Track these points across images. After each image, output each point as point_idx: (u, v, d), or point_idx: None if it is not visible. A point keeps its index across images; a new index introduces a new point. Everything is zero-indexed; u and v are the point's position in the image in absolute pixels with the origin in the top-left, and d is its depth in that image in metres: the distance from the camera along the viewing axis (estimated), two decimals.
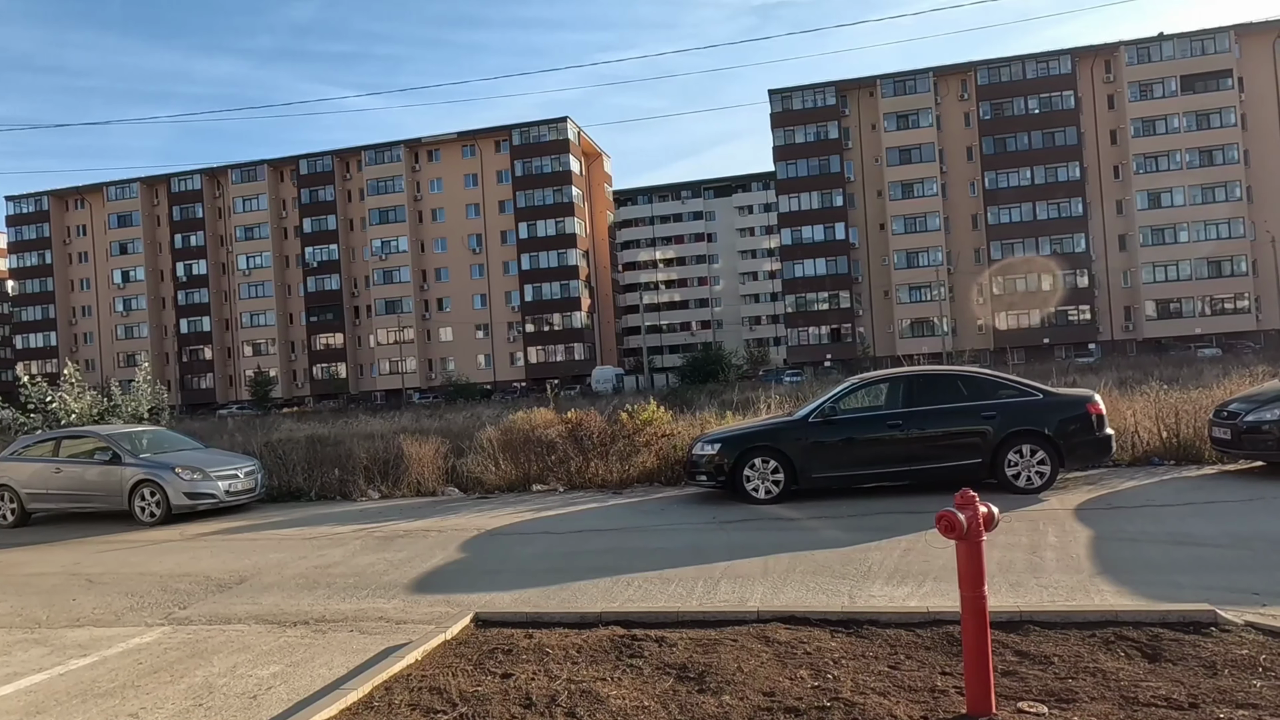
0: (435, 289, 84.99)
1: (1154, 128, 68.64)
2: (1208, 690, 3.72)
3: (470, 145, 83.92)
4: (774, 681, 4.11)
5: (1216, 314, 67.33)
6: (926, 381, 10.05)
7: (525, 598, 6.54)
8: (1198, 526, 7.38)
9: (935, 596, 5.78)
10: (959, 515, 3.45)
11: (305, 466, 14.04)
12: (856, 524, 8.34)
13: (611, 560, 7.58)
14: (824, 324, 76.10)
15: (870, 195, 75.66)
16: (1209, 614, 4.72)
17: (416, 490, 13.12)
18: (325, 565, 8.29)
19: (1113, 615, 4.85)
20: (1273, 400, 9.20)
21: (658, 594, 6.37)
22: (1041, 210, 70.41)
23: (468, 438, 14.64)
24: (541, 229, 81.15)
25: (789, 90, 76.57)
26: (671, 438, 12.59)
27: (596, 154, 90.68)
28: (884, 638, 4.76)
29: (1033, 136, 70.93)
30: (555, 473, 12.70)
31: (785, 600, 5.93)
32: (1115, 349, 67.59)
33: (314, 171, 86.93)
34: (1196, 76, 67.81)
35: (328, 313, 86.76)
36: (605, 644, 4.87)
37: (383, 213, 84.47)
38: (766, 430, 10.08)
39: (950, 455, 9.47)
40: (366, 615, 6.38)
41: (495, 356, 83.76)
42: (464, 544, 8.89)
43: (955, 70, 73.38)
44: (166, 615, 6.82)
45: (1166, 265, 68.31)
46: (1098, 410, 9.47)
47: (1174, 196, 68.06)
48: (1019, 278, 70.72)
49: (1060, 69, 70.95)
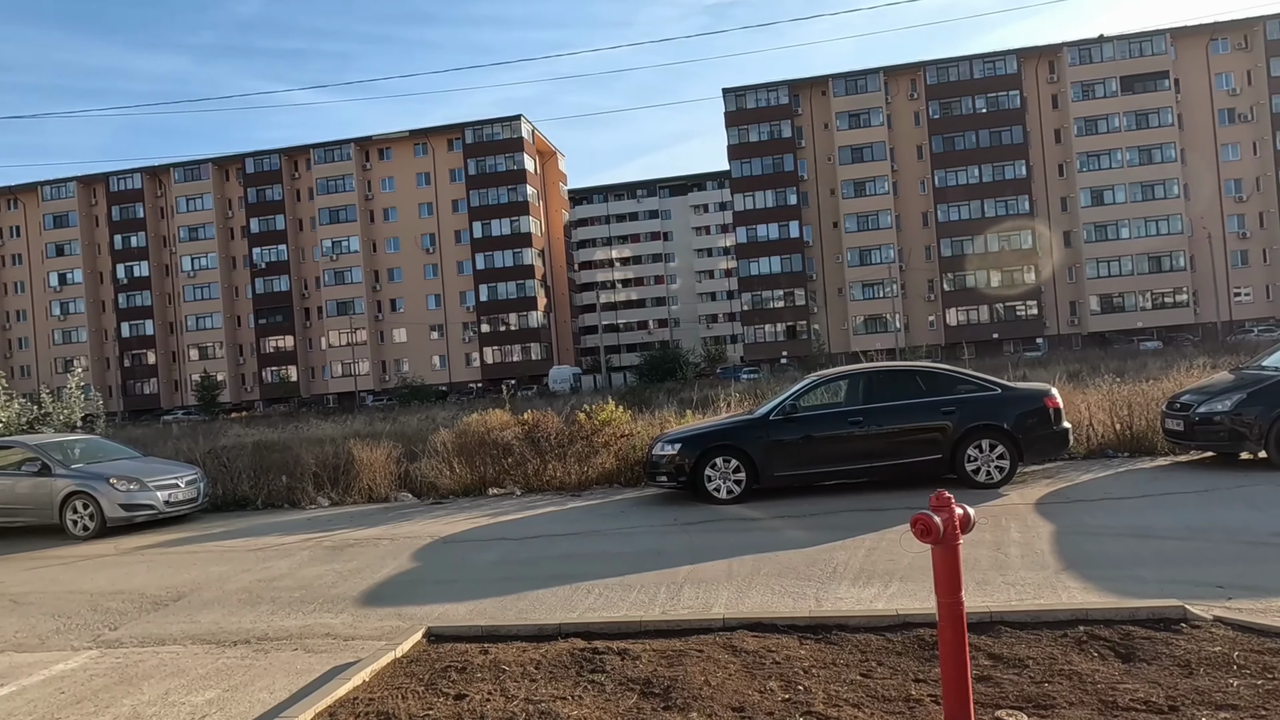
0: (388, 289, 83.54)
1: (1096, 127, 70.45)
2: (1186, 691, 3.63)
3: (422, 143, 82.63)
4: (743, 695, 3.92)
5: (1157, 308, 69.37)
6: (886, 377, 10.00)
7: (481, 609, 6.27)
8: (1156, 519, 7.40)
9: (903, 598, 5.67)
10: (935, 519, 3.28)
11: (251, 474, 13.51)
12: (819, 523, 8.22)
13: (571, 566, 7.34)
14: (779, 321, 76.61)
15: (823, 193, 76.36)
16: (1178, 610, 4.66)
17: (368, 496, 12.70)
18: (270, 578, 7.91)
19: (1083, 613, 4.77)
20: (1224, 392, 9.32)
21: (619, 601, 6.15)
22: (989, 208, 71.79)
23: (421, 441, 14.24)
24: (496, 228, 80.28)
25: (743, 89, 76.89)
26: (631, 438, 12.37)
27: (551, 152, 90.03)
28: (854, 643, 4.61)
29: (980, 135, 72.26)
30: (512, 475, 12.39)
31: (751, 605, 5.77)
32: (1061, 343, 69.22)
33: (261, 170, 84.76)
34: (1135, 77, 69.79)
35: (277, 315, 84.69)
36: (565, 658, 4.64)
37: (333, 212, 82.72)
38: (727, 429, 9.93)
39: (911, 451, 9.42)
40: (312, 632, 6.05)
41: (450, 357, 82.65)
42: (417, 552, 8.56)
43: (905, 70, 74.43)
44: (95, 637, 6.40)
45: (1109, 261, 70.18)
46: (1055, 404, 9.51)
47: (1115, 194, 69.95)
48: (968, 274, 72.04)
49: (1006, 69, 72.42)
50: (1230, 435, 9.11)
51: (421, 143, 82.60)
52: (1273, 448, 8.71)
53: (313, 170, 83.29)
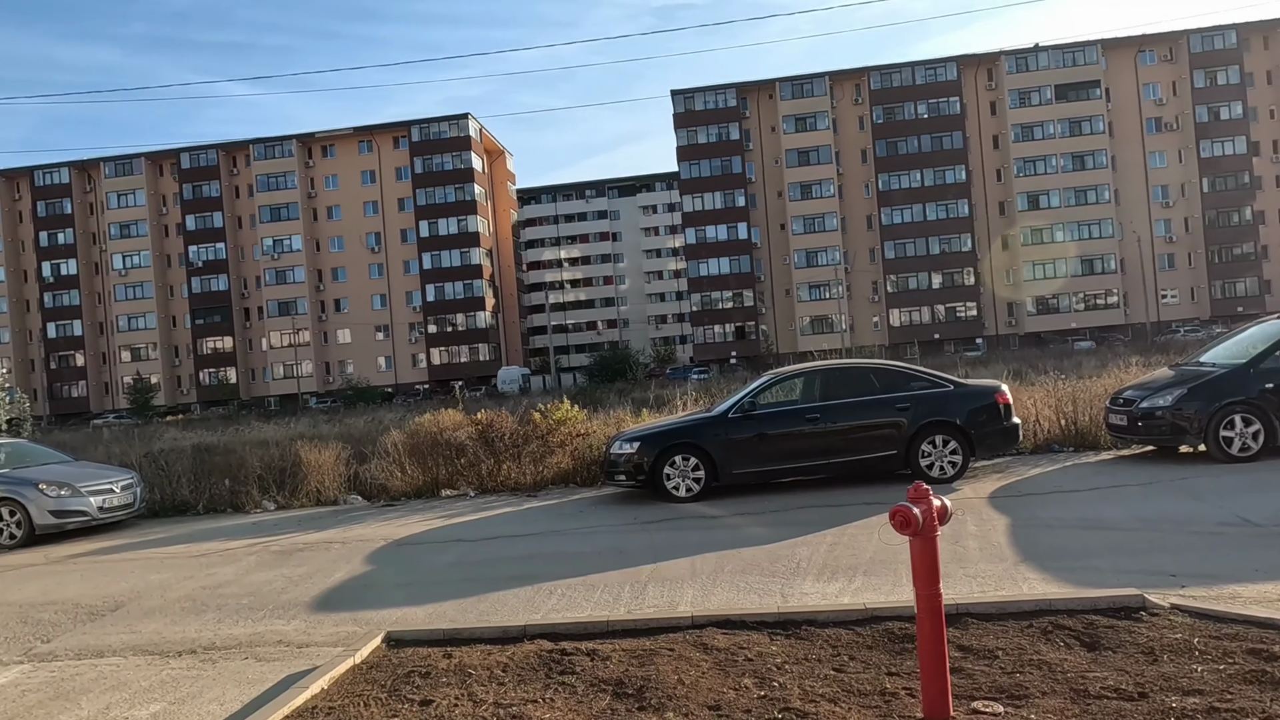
0: (332, 289, 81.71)
1: (1032, 133, 72.65)
2: (1153, 678, 3.69)
3: (367, 141, 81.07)
4: (718, 693, 3.86)
5: (1090, 309, 71.87)
6: (841, 375, 10.09)
7: (441, 612, 6.10)
8: (1106, 510, 7.59)
9: (868, 592, 5.69)
10: (914, 510, 3.28)
11: (192, 477, 13.01)
12: (780, 519, 8.24)
13: (531, 567, 7.20)
14: (729, 322, 77.20)
15: (771, 195, 77.20)
16: (1137, 599, 4.75)
17: (316, 500, 12.33)
18: (215, 585, 7.59)
19: (1047, 604, 4.83)
20: (1164, 388, 9.63)
21: (583, 602, 6.04)
22: (931, 211, 73.48)
23: (371, 442, 13.89)
24: (443, 227, 79.18)
25: (691, 91, 77.29)
26: (587, 437, 12.25)
27: (499, 151, 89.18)
28: (824, 638, 4.59)
29: (922, 140, 73.91)
30: (465, 476, 12.17)
31: (717, 602, 5.72)
32: (1000, 343, 71.16)
33: (197, 165, 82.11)
34: (1068, 86, 72.20)
35: (215, 315, 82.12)
36: (532, 660, 4.52)
37: (274, 210, 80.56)
38: (686, 427, 9.90)
39: (867, 447, 9.51)
40: (263, 639, 5.80)
41: (396, 358, 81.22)
42: (371, 555, 8.32)
43: (850, 75, 75.70)
44: (26, 651, 6.04)
45: (1045, 264, 72.44)
46: (1005, 400, 9.71)
47: (1050, 199, 72.25)
48: (911, 276, 73.64)
49: (947, 75, 74.21)
50: (1171, 429, 9.41)
51: (366, 140, 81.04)
52: (1211, 441, 9.02)
53: (253, 166, 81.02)
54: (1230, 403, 8.97)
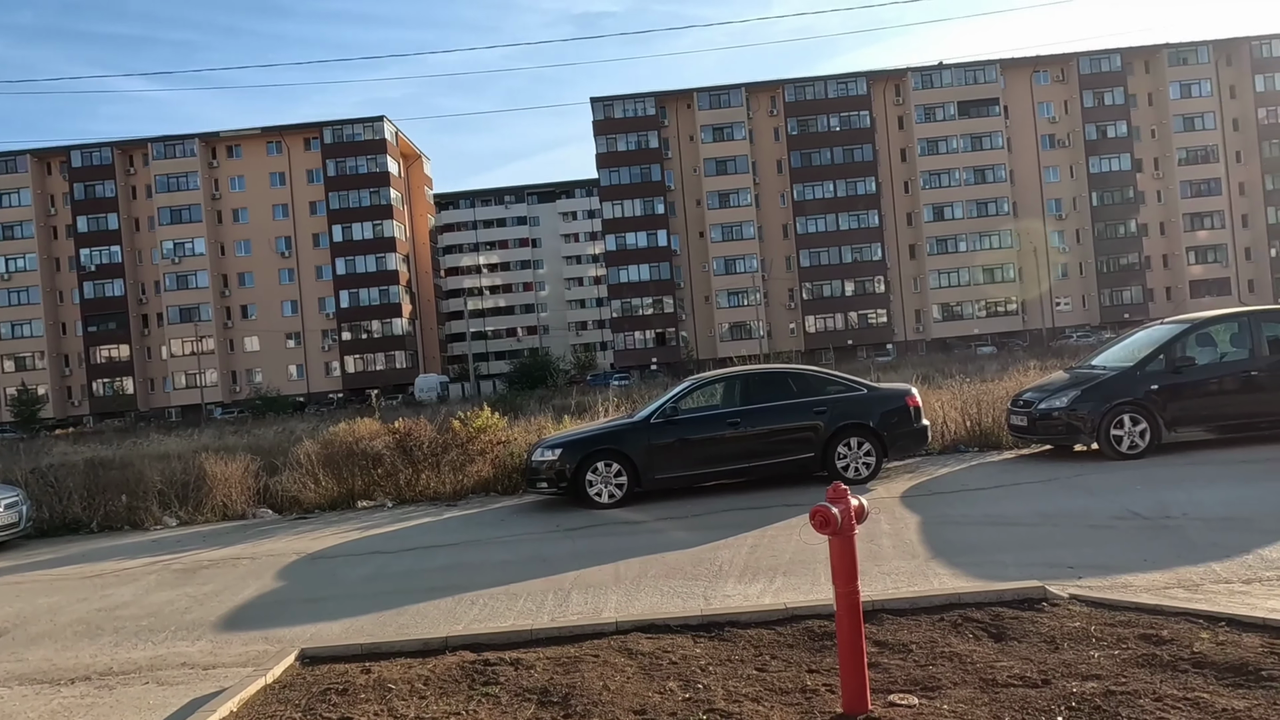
0: (239, 295, 78.45)
1: (937, 147, 75.79)
2: (1055, 665, 3.88)
3: (276, 141, 78.26)
4: (644, 697, 3.87)
5: (991, 315, 75.34)
6: (761, 380, 10.28)
7: (358, 627, 5.93)
8: (1009, 507, 7.96)
9: (788, 592, 5.80)
10: (833, 510, 3.36)
11: (85, 494, 12.24)
12: (702, 523, 8.32)
13: (452, 578, 7.07)
14: (649, 328, 77.65)
15: (690, 203, 78.13)
16: (1039, 591, 4.99)
17: (223, 514, 11.79)
18: (112, 607, 7.17)
19: (956, 598, 5.03)
20: (1060, 390, 10.17)
21: (506, 611, 5.97)
22: (843, 221, 75.75)
23: (283, 454, 13.39)
24: (358, 232, 77.08)
25: (611, 99, 77.59)
26: (508, 445, 12.11)
27: (416, 155, 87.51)
28: (747, 639, 4.66)
29: (834, 152, 76.16)
30: (383, 487, 11.86)
31: (641, 607, 5.73)
32: (909, 348, 73.86)
33: (90, 164, 77.63)
34: (970, 103, 75.66)
35: (110, 322, 77.68)
36: (455, 672, 4.43)
37: (175, 211, 76.84)
38: (608, 433, 9.90)
39: (786, 450, 9.71)
40: (166, 663, 5.52)
41: (309, 366, 78.52)
42: (282, 571, 8.01)
43: (765, 87, 77.41)
44: None
45: (949, 272, 75.62)
46: (915, 403, 10.08)
47: (954, 210, 75.50)
48: (825, 283, 75.72)
49: (857, 90, 76.70)
50: (1067, 429, 9.94)
51: (275, 141, 78.24)
52: (1103, 440, 9.57)
53: (151, 166, 77.12)
54: (1120, 403, 9.54)
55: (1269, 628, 4.14)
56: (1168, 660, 3.82)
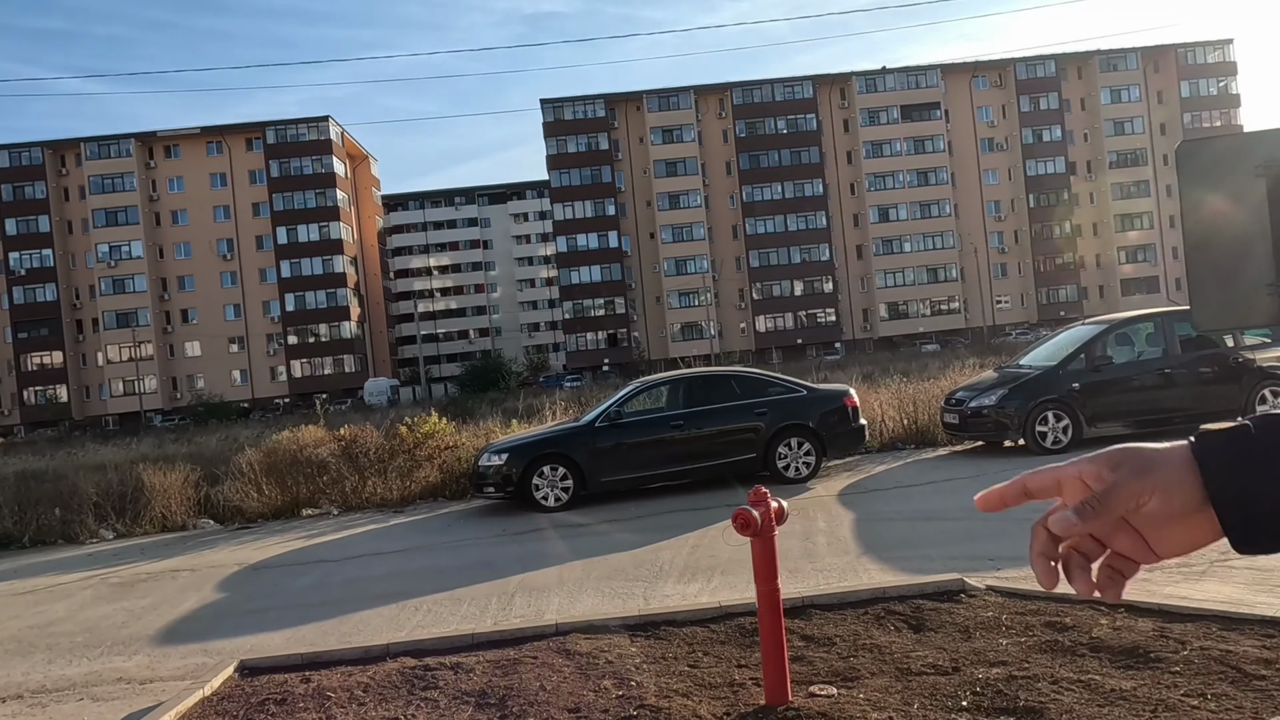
0: (178, 299, 76.39)
1: (881, 150, 77.40)
2: (965, 653, 4.12)
3: (217, 142, 76.40)
4: (578, 696, 4.01)
5: (935, 314, 77.19)
6: (704, 382, 10.50)
7: (300, 636, 5.95)
8: (939, 502, 8.29)
9: (724, 590, 5.99)
10: (753, 513, 3.54)
11: (15, 508, 11.93)
12: (646, 525, 8.49)
13: (396, 585, 7.12)
14: (601, 329, 77.77)
15: (640, 205, 78.46)
16: (958, 583, 5.26)
17: (162, 526, 11.59)
18: (45, 623, 7.05)
19: (881, 592, 5.27)
20: (989, 389, 10.60)
21: (449, 616, 6.05)
22: (792, 222, 76.86)
23: (224, 463, 13.20)
24: (303, 234, 75.65)
25: (561, 101, 77.53)
26: (455, 450, 12.13)
27: (363, 156, 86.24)
28: (681, 637, 4.82)
29: (782, 154, 77.25)
30: (328, 495, 11.78)
31: (582, 609, 5.87)
32: (856, 347, 75.25)
33: (18, 164, 74.83)
34: (913, 107, 77.41)
35: (41, 328, 74.93)
36: (394, 679, 4.51)
37: (110, 214, 74.47)
38: (554, 437, 10.01)
39: (729, 451, 9.94)
40: (101, 679, 5.47)
41: (253, 372, 76.81)
42: (222, 582, 7.96)
43: (714, 89, 78.12)
44: None
45: (895, 272, 77.29)
46: (853, 403, 10.39)
47: (899, 212, 77.17)
48: (774, 284, 76.74)
49: (804, 93, 77.90)
50: (996, 426, 10.36)
51: (216, 141, 76.37)
52: (1029, 436, 10.01)
53: (84, 167, 74.62)
54: (1044, 401, 9.99)
55: (1162, 612, 4.45)
56: (1068, 646, 4.09)
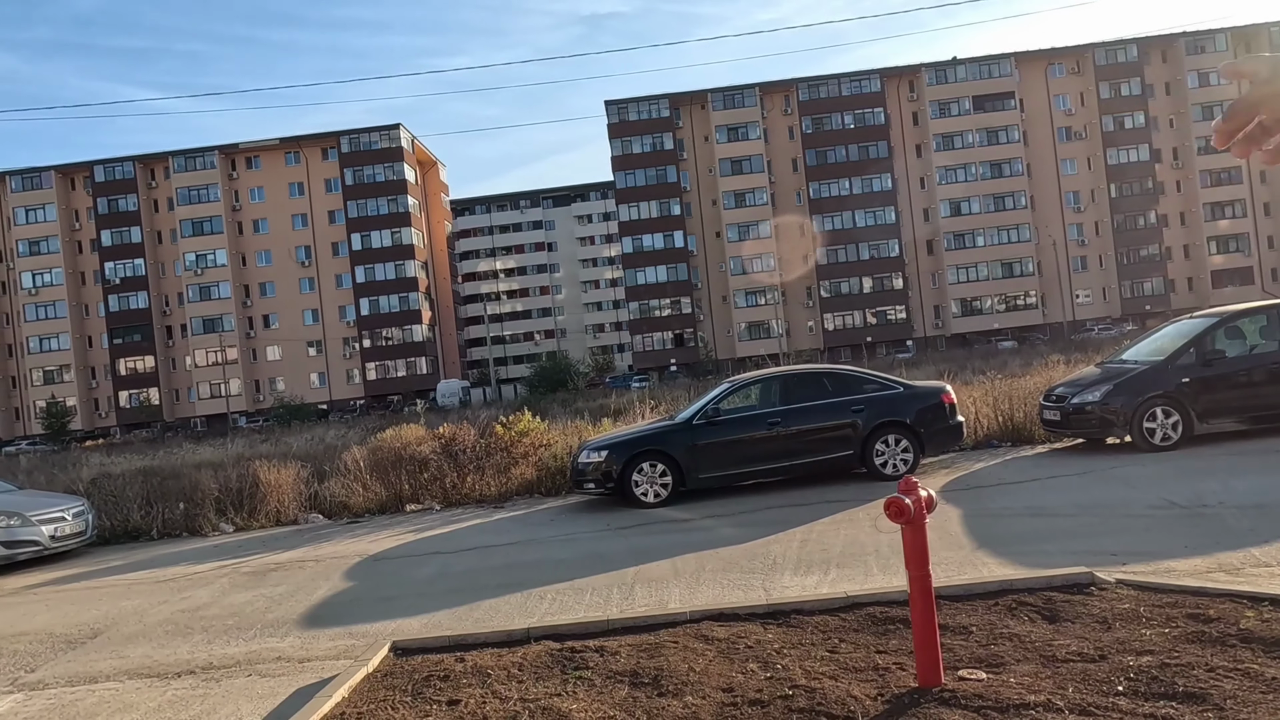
0: (260, 305, 79.53)
1: (952, 142, 75.69)
2: (1109, 643, 4.17)
3: (294, 152, 79.27)
4: (728, 677, 4.19)
5: (1010, 310, 75.13)
6: (798, 380, 10.58)
7: (436, 621, 6.28)
8: (1048, 499, 8.22)
9: (843, 582, 6.10)
10: (906, 500, 3.68)
11: (143, 502, 12.73)
12: (749, 520, 8.63)
13: (515, 575, 7.42)
14: (667, 329, 78.00)
15: (706, 204, 78.44)
16: (1087, 575, 5.27)
17: (276, 520, 12.23)
18: (194, 608, 7.57)
19: (1008, 584, 5.31)
20: (1093, 384, 10.40)
21: (575, 605, 6.30)
22: (860, 218, 75.78)
23: (329, 460, 13.83)
24: (376, 240, 77.97)
25: (625, 101, 78.00)
26: (549, 447, 12.48)
27: (432, 162, 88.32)
28: (813, 625, 4.96)
29: (849, 149, 76.22)
30: (429, 490, 12.24)
31: (704, 599, 6.05)
32: (928, 344, 73.74)
33: (112, 179, 78.95)
34: (985, 97, 75.49)
35: (135, 333, 78.96)
36: (544, 659, 4.77)
37: (196, 224, 78.04)
38: (653, 434, 10.23)
39: (825, 448, 10.00)
40: (261, 657, 5.89)
41: (330, 374, 79.46)
42: (348, 572, 8.40)
43: (779, 86, 77.57)
44: (13, 681, 5.98)
45: (967, 267, 75.48)
46: (950, 400, 10.34)
47: (971, 205, 75.35)
48: (842, 281, 75.78)
49: (871, 87, 76.72)
50: (1100, 423, 10.18)
51: (293, 151, 79.25)
52: (1136, 432, 9.80)
53: (172, 179, 78.35)
54: (1152, 396, 9.77)
55: None
56: (1216, 636, 4.09)
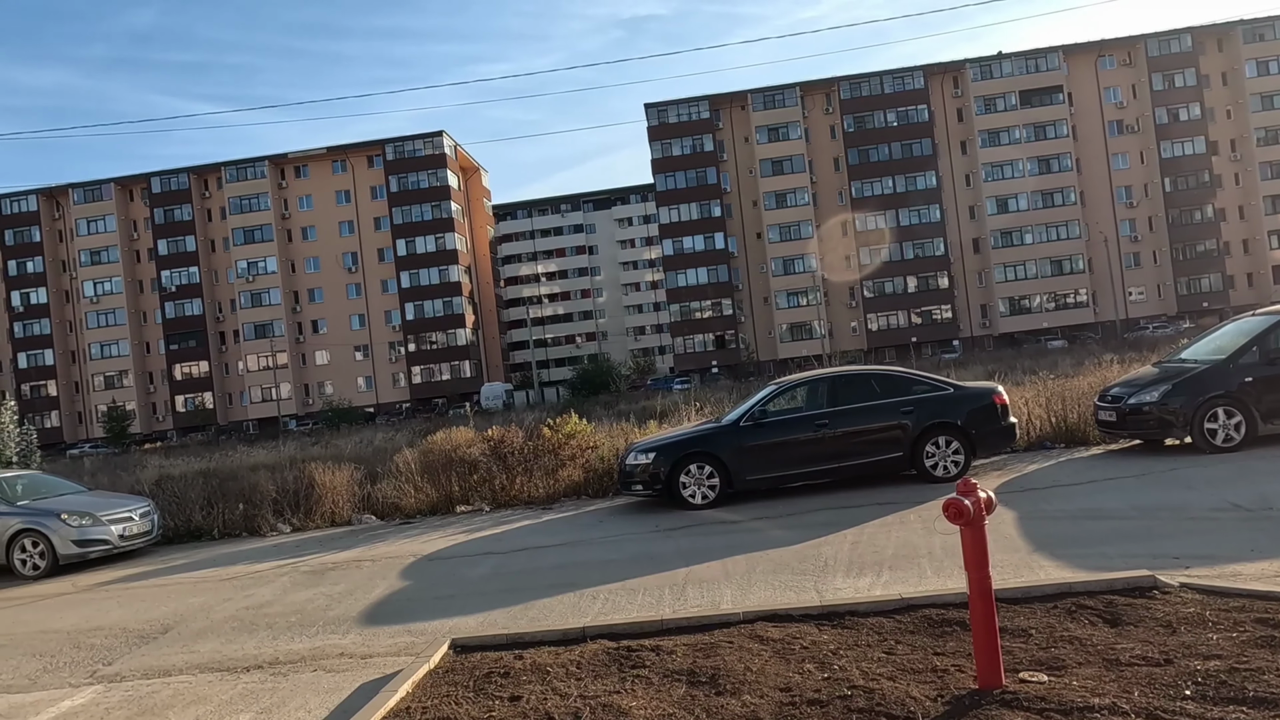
0: (309, 310, 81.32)
1: (998, 139, 74.29)
2: (1175, 647, 4.11)
3: (341, 160, 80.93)
4: (785, 677, 4.22)
5: (1060, 309, 73.43)
6: (846, 382, 10.51)
7: (491, 620, 6.41)
8: (1105, 501, 8.06)
9: (896, 584, 6.07)
10: (965, 502, 3.67)
11: (204, 503, 13.15)
12: (798, 522, 8.62)
13: (567, 575, 7.52)
14: (708, 331, 77.84)
15: (746, 205, 78.14)
16: (1149, 579, 5.18)
17: (331, 520, 12.54)
18: (257, 605, 7.82)
19: (1067, 587, 5.25)
20: (1150, 384, 10.16)
21: (627, 605, 6.38)
22: (904, 217, 74.76)
23: (380, 462, 14.12)
24: (421, 245, 79.21)
25: (664, 104, 78.09)
26: (596, 449, 12.58)
27: (474, 168, 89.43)
28: (868, 626, 4.96)
29: (892, 148, 75.25)
30: (479, 492, 12.43)
31: (756, 600, 6.08)
32: (975, 344, 72.45)
33: (168, 189, 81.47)
34: (1032, 92, 73.96)
35: (190, 339, 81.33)
36: (601, 658, 4.85)
37: (247, 232, 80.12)
38: (700, 436, 10.26)
39: (874, 450, 9.93)
40: (325, 653, 6.08)
41: (377, 378, 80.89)
42: (404, 571, 8.59)
43: (820, 85, 76.95)
44: (92, 673, 6.26)
45: (1015, 265, 73.98)
46: (1002, 401, 10.19)
47: (1019, 202, 73.86)
48: (886, 281, 74.82)
49: (914, 84, 75.69)
50: (1159, 423, 9.94)
51: (340, 160, 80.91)
52: (1197, 433, 9.56)
53: (224, 189, 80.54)
54: (1213, 396, 9.51)
55: None
56: None
